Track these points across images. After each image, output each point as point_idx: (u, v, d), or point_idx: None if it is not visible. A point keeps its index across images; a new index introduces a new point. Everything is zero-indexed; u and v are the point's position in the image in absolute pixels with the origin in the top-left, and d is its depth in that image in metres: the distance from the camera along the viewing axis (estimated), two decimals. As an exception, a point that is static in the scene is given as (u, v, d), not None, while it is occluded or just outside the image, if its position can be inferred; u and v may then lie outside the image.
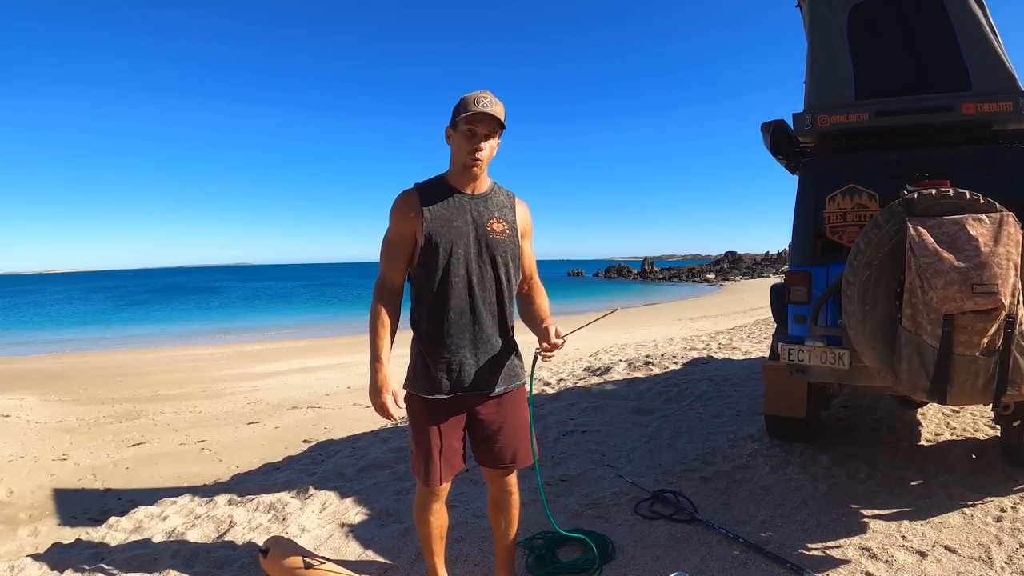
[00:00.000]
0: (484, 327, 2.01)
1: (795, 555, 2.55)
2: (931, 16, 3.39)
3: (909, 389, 2.55)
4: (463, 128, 1.91)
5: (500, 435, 2.08)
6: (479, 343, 2.01)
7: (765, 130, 3.76)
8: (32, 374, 12.55)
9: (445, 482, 2.06)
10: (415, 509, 2.17)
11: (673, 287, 45.40)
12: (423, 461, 2.03)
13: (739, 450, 3.84)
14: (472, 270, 1.98)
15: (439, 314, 1.97)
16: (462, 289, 1.97)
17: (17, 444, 6.70)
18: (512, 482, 2.19)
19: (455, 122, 1.93)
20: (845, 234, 3.29)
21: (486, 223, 2.00)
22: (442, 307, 1.97)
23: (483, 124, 1.91)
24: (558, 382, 6.61)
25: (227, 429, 7.19)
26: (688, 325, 16.86)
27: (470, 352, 2.00)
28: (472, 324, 2.00)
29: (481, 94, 1.90)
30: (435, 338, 1.98)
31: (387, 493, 3.48)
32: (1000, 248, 2.33)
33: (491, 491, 2.22)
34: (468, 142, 1.91)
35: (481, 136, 1.91)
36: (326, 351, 15.00)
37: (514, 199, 2.12)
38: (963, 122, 3.24)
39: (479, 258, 1.99)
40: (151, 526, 3.25)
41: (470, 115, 1.87)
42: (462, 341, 1.99)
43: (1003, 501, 2.93)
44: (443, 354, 1.98)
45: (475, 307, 1.99)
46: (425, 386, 2.00)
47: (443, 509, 2.16)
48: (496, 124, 1.92)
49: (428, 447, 2.01)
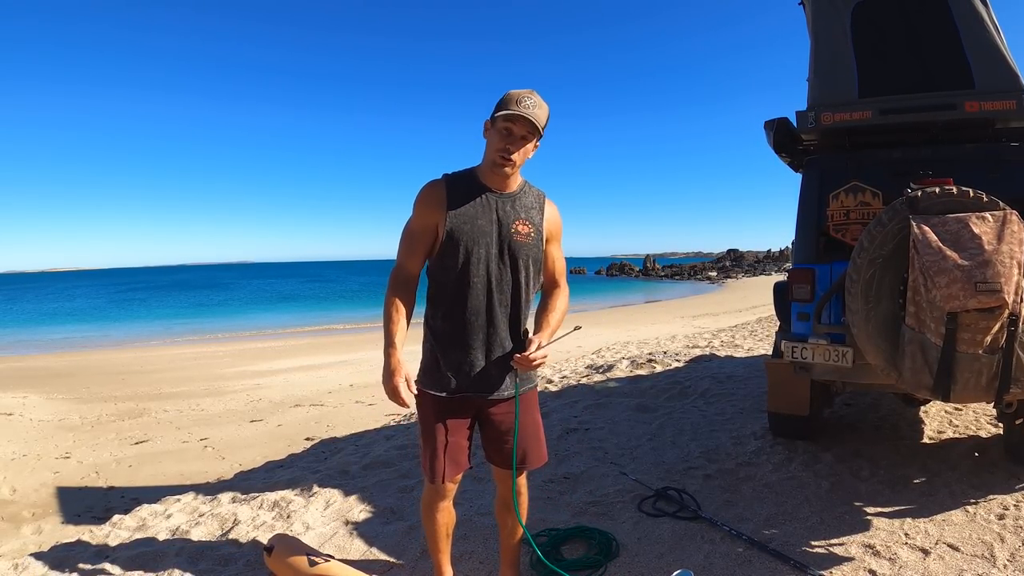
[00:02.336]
0: (498, 329, 1.97)
1: (798, 552, 2.55)
2: (934, 14, 3.39)
3: (912, 387, 2.55)
4: (500, 125, 1.85)
5: (511, 436, 2.06)
6: (492, 345, 1.97)
7: (768, 128, 3.76)
8: (34, 372, 12.58)
9: (449, 480, 2.05)
10: (422, 506, 2.16)
11: (675, 285, 45.36)
12: (429, 458, 2.02)
13: (742, 448, 3.85)
14: (492, 271, 1.94)
15: (454, 313, 1.94)
16: (480, 290, 1.93)
17: (20, 442, 6.71)
18: (521, 483, 2.18)
19: (494, 117, 1.86)
20: (848, 232, 3.29)
21: (511, 224, 1.95)
22: (458, 306, 1.93)
23: (521, 125, 1.84)
24: (561, 379, 6.62)
25: (230, 427, 7.20)
26: (690, 323, 16.85)
27: (482, 353, 1.97)
28: (486, 326, 1.95)
29: (526, 94, 1.84)
30: (448, 337, 1.96)
31: (391, 491, 3.49)
32: (1003, 246, 2.33)
33: (500, 491, 2.21)
34: (502, 140, 1.86)
35: (517, 137, 1.85)
36: (328, 349, 15.02)
37: (544, 200, 2.06)
38: (966, 120, 3.24)
39: (500, 259, 1.94)
40: (155, 524, 3.26)
41: (509, 114, 1.82)
42: (475, 342, 1.95)
43: (1006, 499, 2.93)
44: (454, 353, 1.96)
45: (491, 309, 1.95)
46: (434, 383, 1.99)
47: (450, 507, 2.15)
48: (534, 128, 1.85)
49: (434, 444, 2.00)
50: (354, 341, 16.64)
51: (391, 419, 6.45)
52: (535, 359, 1.90)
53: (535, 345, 1.92)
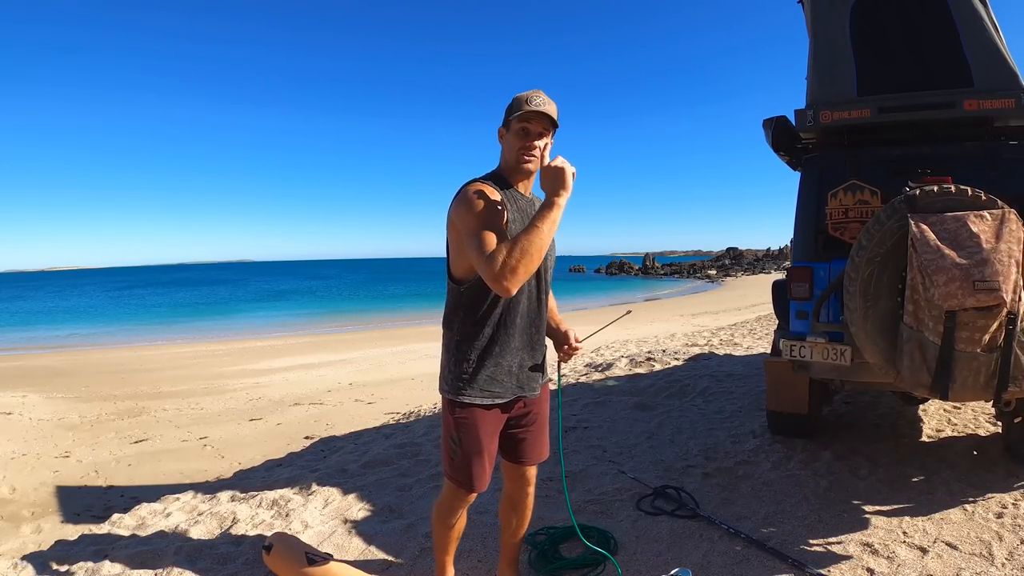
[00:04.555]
0: (538, 328, 2.03)
1: (797, 551, 2.56)
2: (933, 12, 3.38)
3: (911, 385, 2.55)
4: (516, 127, 1.89)
5: (530, 431, 2.11)
6: (535, 345, 2.03)
7: (767, 126, 3.75)
8: (34, 371, 12.58)
9: (486, 487, 2.07)
10: (441, 511, 2.13)
11: (675, 283, 45.39)
12: (471, 468, 1.99)
13: (741, 446, 3.85)
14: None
15: (508, 318, 1.94)
16: (530, 292, 1.97)
17: (19, 441, 6.72)
18: (531, 477, 2.21)
19: (508, 121, 1.91)
20: (847, 230, 3.29)
21: None
22: (511, 312, 1.94)
23: (537, 122, 1.89)
24: (560, 378, 6.62)
25: (229, 425, 7.21)
26: (690, 321, 16.85)
27: (528, 354, 2.01)
28: (530, 326, 2.00)
29: (534, 93, 1.89)
30: (502, 342, 1.95)
31: (390, 489, 3.49)
32: (1002, 245, 2.33)
33: (508, 488, 2.22)
34: (522, 140, 1.90)
35: (535, 134, 1.90)
36: (327, 348, 15.02)
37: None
38: (965, 118, 3.23)
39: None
40: (154, 523, 3.26)
41: (523, 113, 1.86)
42: (523, 343, 1.99)
43: (1004, 497, 2.93)
44: (508, 358, 1.96)
45: (532, 310, 2.00)
46: (488, 393, 1.96)
47: (466, 510, 2.17)
48: (550, 123, 1.91)
49: (480, 455, 1.98)
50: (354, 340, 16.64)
51: (390, 418, 6.45)
52: (577, 348, 2.09)
53: (571, 335, 2.10)
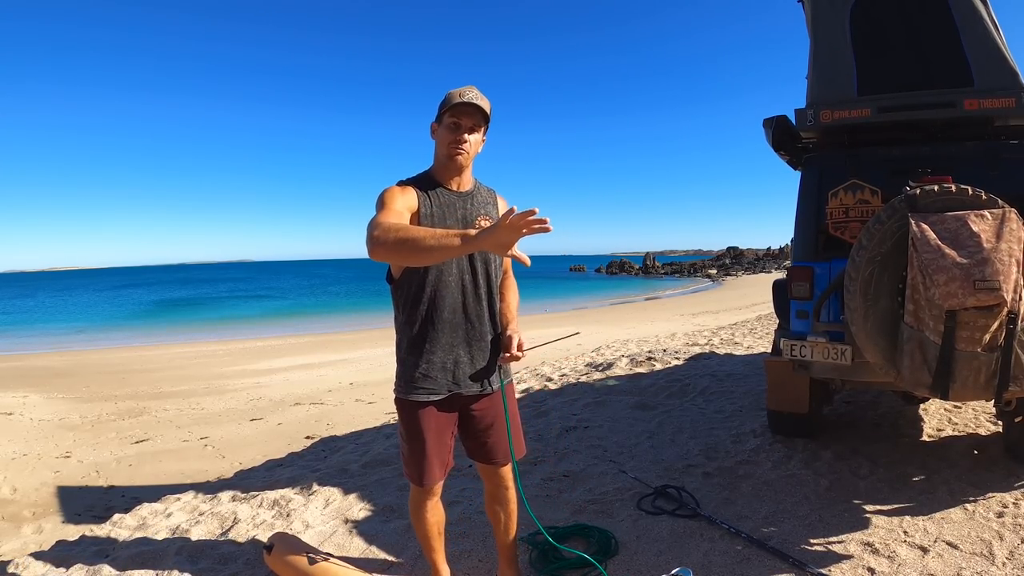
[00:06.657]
0: (476, 326, 2.02)
1: (797, 550, 2.56)
2: (933, 11, 3.38)
3: (911, 385, 2.55)
4: (448, 121, 1.92)
5: (492, 431, 2.10)
6: (473, 341, 2.02)
7: (767, 126, 3.76)
8: (34, 371, 12.58)
9: (437, 482, 2.08)
10: (411, 509, 2.17)
11: (675, 282, 45.40)
12: (417, 464, 2.04)
13: (741, 446, 3.85)
14: (464, 268, 1.99)
15: (434, 313, 1.97)
16: (455, 288, 1.98)
17: (20, 442, 6.72)
18: (507, 476, 2.20)
19: (440, 116, 1.94)
20: (847, 230, 3.29)
21: (474, 221, 2.01)
22: (437, 306, 1.96)
23: (468, 117, 1.91)
24: (560, 377, 6.62)
25: (230, 426, 7.21)
26: (690, 320, 16.85)
27: (464, 351, 2.01)
28: (465, 323, 2.00)
29: (466, 88, 1.92)
30: (430, 338, 1.97)
31: (390, 489, 3.49)
32: (1002, 244, 2.33)
33: (487, 487, 2.23)
34: (452, 134, 1.92)
35: (466, 128, 1.93)
36: (328, 347, 15.01)
37: (495, 195, 2.15)
38: (965, 118, 3.24)
39: (470, 256, 1.99)
40: (155, 523, 3.27)
41: (454, 107, 1.89)
42: (456, 340, 1.99)
43: (1005, 497, 2.93)
44: (438, 354, 1.98)
45: (467, 305, 2.00)
46: (421, 389, 1.99)
47: (438, 505, 2.17)
48: (481, 117, 1.93)
49: (423, 450, 2.01)
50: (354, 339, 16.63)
51: (391, 417, 6.45)
52: (517, 356, 1.99)
53: (515, 341, 2.01)
